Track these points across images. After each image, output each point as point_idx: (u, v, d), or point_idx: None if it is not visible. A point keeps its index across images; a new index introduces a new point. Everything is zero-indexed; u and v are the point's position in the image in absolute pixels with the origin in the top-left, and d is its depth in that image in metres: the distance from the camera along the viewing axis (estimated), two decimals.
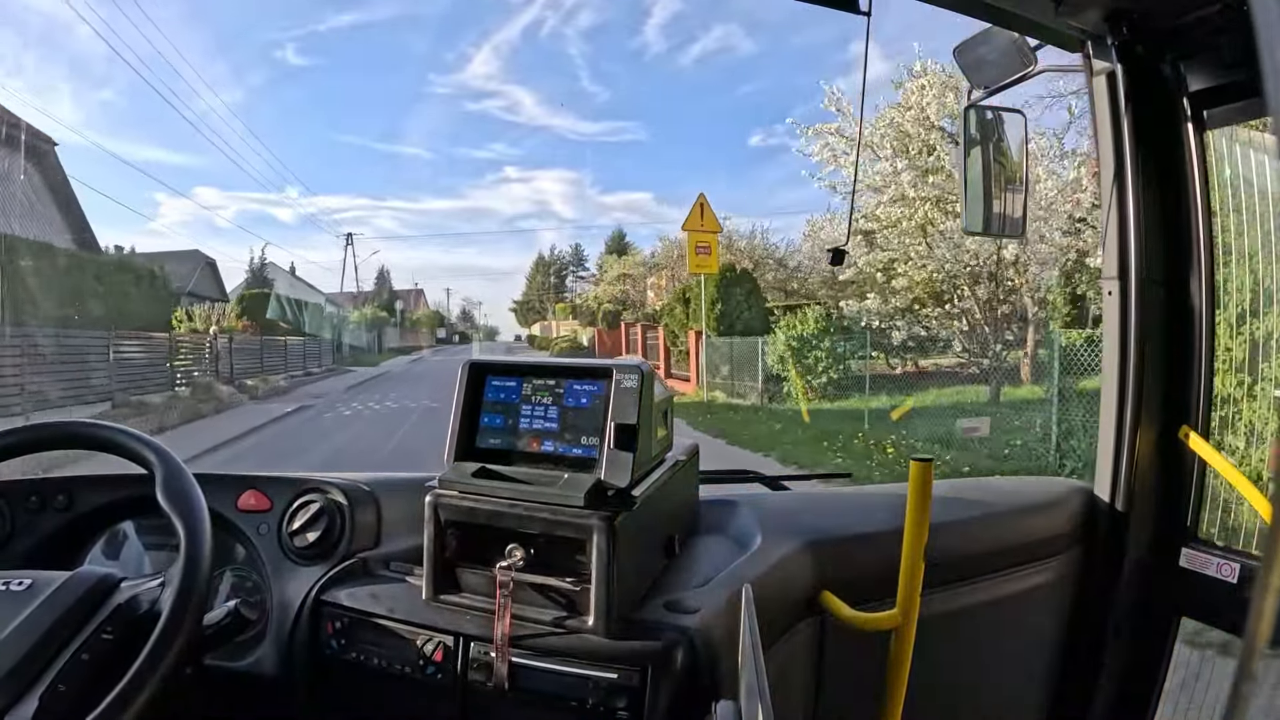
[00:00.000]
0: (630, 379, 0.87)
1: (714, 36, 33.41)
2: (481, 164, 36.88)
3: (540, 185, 43.88)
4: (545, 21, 30.37)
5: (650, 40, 28.26)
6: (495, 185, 36.87)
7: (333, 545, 1.05)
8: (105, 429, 0.92)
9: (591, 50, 29.43)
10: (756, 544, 1.05)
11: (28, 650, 0.72)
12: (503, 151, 35.34)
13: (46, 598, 0.77)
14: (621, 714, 0.82)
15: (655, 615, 0.87)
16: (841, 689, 1.11)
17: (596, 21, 27.77)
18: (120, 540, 1.17)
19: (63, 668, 0.73)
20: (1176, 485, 1.28)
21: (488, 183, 39.63)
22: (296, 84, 28.52)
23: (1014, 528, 1.28)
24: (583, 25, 27.58)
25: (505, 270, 48.73)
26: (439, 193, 34.60)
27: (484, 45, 37.33)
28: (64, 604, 0.77)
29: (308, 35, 29.91)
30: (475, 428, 0.94)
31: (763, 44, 27.90)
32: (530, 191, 40.59)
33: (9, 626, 0.74)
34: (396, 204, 40.02)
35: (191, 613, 0.78)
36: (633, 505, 0.86)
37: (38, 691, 0.70)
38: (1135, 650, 1.32)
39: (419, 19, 27.43)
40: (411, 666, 0.91)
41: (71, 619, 0.76)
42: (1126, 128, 1.22)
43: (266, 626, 1.02)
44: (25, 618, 0.74)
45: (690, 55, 29.58)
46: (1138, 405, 1.25)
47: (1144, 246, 1.22)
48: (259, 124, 31.41)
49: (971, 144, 1.24)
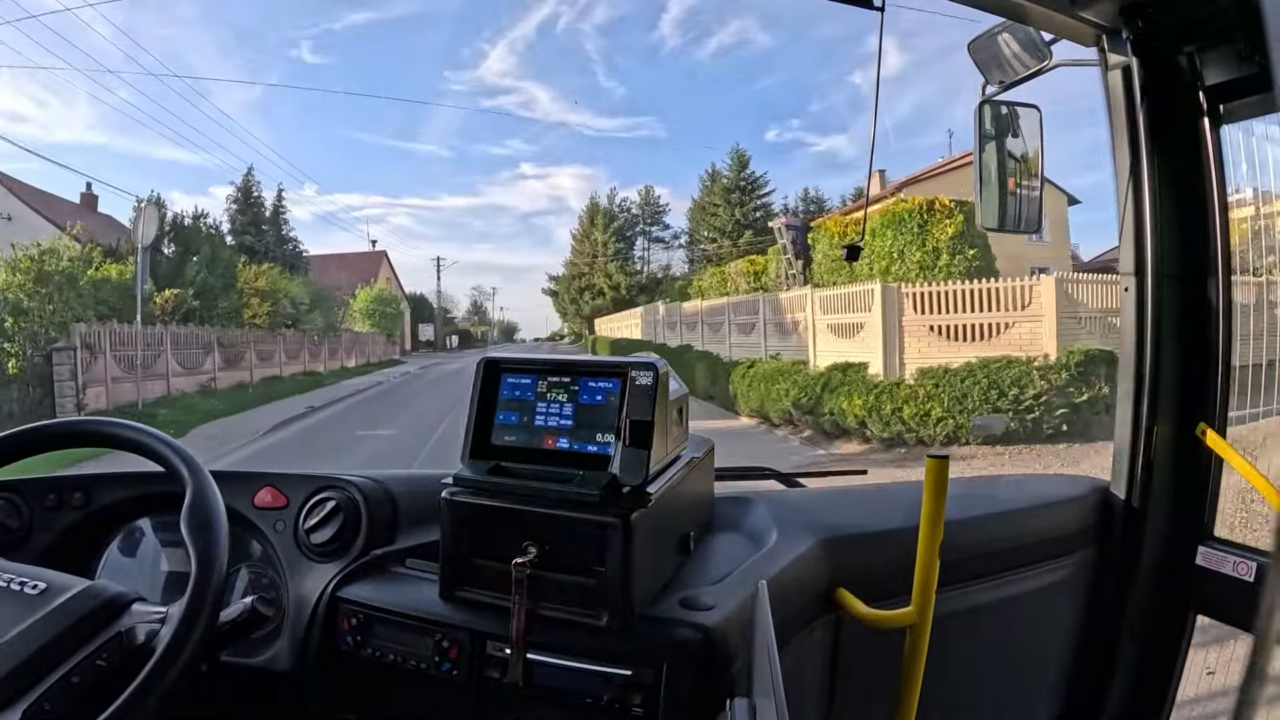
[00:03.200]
0: (645, 376, 0.87)
1: (730, 31, 33.41)
2: (498, 161, 36.80)
3: (556, 182, 43.27)
4: (561, 17, 30.52)
5: (666, 35, 28.36)
6: (511, 182, 36.66)
7: (349, 542, 1.06)
8: (149, 435, 0.91)
9: (607, 45, 29.51)
10: (772, 541, 1.05)
11: (24, 659, 0.72)
12: (519, 148, 35.35)
13: (55, 608, 0.76)
14: (636, 711, 0.83)
15: (671, 612, 0.87)
16: (856, 686, 1.10)
17: (612, 17, 27.87)
18: (137, 538, 1.17)
19: (52, 686, 0.72)
20: (1193, 482, 1.27)
21: (504, 179, 39.35)
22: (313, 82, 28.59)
23: (1029, 525, 1.28)
24: (598, 20, 27.71)
25: (522, 267, 45.09)
26: (455, 190, 34.53)
27: (499, 42, 37.36)
28: (70, 618, 0.76)
29: (323, 34, 30.03)
30: (490, 425, 0.94)
31: (779, 38, 27.90)
32: (547, 188, 40.30)
33: (12, 631, 0.73)
34: (413, 201, 39.70)
35: (185, 655, 0.75)
36: (648, 502, 0.86)
37: (23, 705, 0.70)
38: (1150, 649, 1.31)
39: (434, 16, 27.57)
40: (427, 663, 0.91)
41: (73, 636, 0.75)
42: (1142, 122, 1.21)
43: (282, 623, 1.03)
44: (30, 624, 0.74)
45: (707, 50, 29.75)
46: (1154, 402, 1.24)
47: (1160, 242, 1.21)
48: (276, 122, 31.29)
49: (986, 140, 1.23)
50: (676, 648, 0.83)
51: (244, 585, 1.12)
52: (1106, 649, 1.33)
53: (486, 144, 38.64)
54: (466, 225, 41.07)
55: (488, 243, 43.35)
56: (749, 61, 31.34)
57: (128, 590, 0.83)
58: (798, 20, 28.32)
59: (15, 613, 0.75)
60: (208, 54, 23.72)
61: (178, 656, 0.75)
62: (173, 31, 24.67)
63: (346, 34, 27.18)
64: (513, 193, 33.27)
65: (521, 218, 37.78)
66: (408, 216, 39.23)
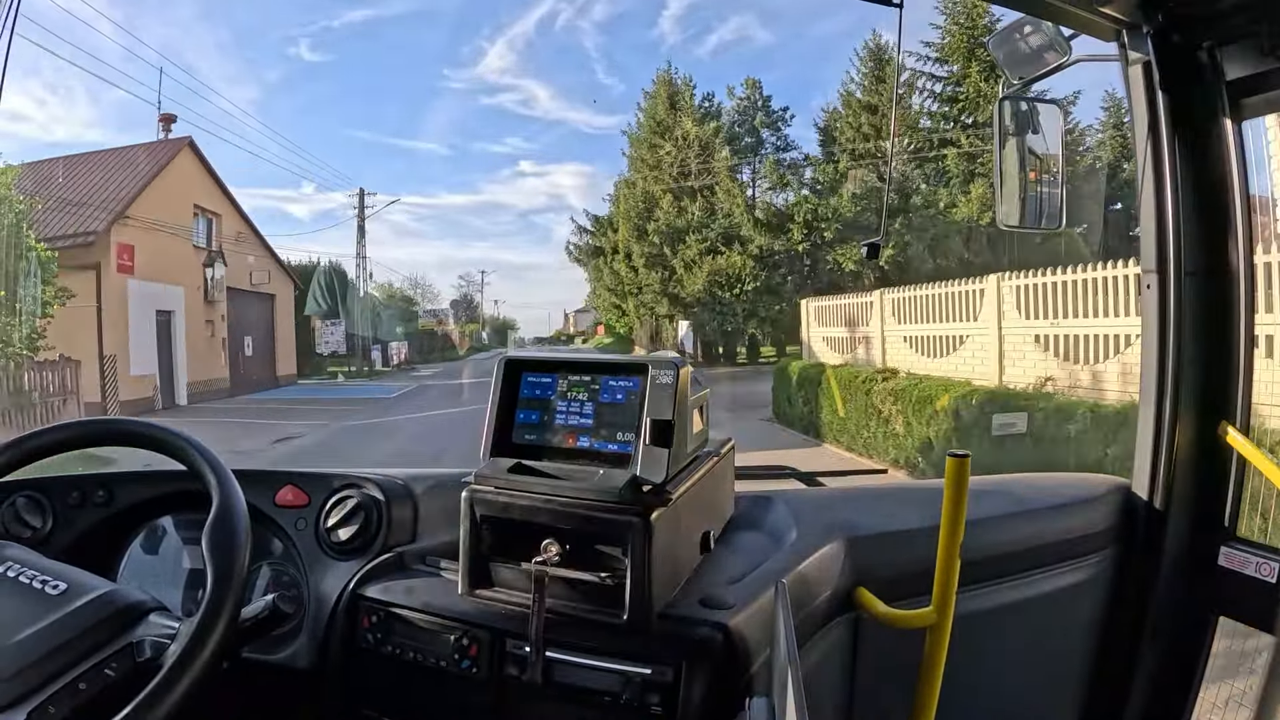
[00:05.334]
0: (666, 375, 0.87)
1: (730, 27, 33.28)
2: (498, 158, 36.66)
3: (555, 179, 43.07)
4: (560, 14, 30.52)
5: (666, 32, 28.26)
6: (510, 180, 36.52)
7: (369, 540, 1.06)
8: (169, 434, 0.91)
9: (607, 42, 29.41)
10: (792, 540, 1.05)
11: (36, 660, 0.72)
12: (518, 146, 35.29)
13: (72, 610, 0.76)
14: (655, 710, 0.82)
15: (690, 611, 0.87)
16: (876, 686, 1.10)
17: (611, 13, 27.73)
18: (160, 535, 1.19)
19: (60, 689, 0.72)
20: (1215, 482, 1.25)
21: (503, 177, 39.21)
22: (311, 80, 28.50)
23: (1050, 525, 1.26)
24: (598, 17, 27.60)
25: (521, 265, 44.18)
26: (453, 188, 34.35)
27: (498, 39, 37.32)
28: (86, 623, 0.76)
29: (321, 31, 30.07)
30: (511, 423, 0.95)
31: (779, 35, 27.64)
32: (546, 185, 40.11)
33: (28, 630, 0.74)
34: (411, 199, 39.56)
35: (191, 672, 0.74)
36: (668, 501, 0.86)
37: (29, 706, 0.70)
38: (1172, 650, 1.30)
39: (433, 14, 27.53)
40: (447, 660, 0.92)
41: (87, 640, 0.75)
42: (1163, 117, 1.20)
43: (303, 620, 1.04)
44: (46, 625, 0.74)
45: (706, 47, 29.61)
46: (1176, 400, 1.22)
47: (1182, 239, 1.20)
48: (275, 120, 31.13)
49: (1006, 136, 1.22)
50: (696, 647, 0.83)
51: (265, 582, 1.13)
52: (1128, 650, 1.32)
53: (486, 141, 38.57)
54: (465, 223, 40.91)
55: (487, 240, 42.84)
56: (749, 58, 31.07)
57: (147, 598, 0.82)
58: (798, 16, 27.94)
59: (33, 611, 0.75)
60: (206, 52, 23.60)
61: (183, 674, 0.73)
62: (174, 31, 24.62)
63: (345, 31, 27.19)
64: (512, 190, 33.07)
65: (520, 215, 37.55)
66: (405, 214, 39.23)
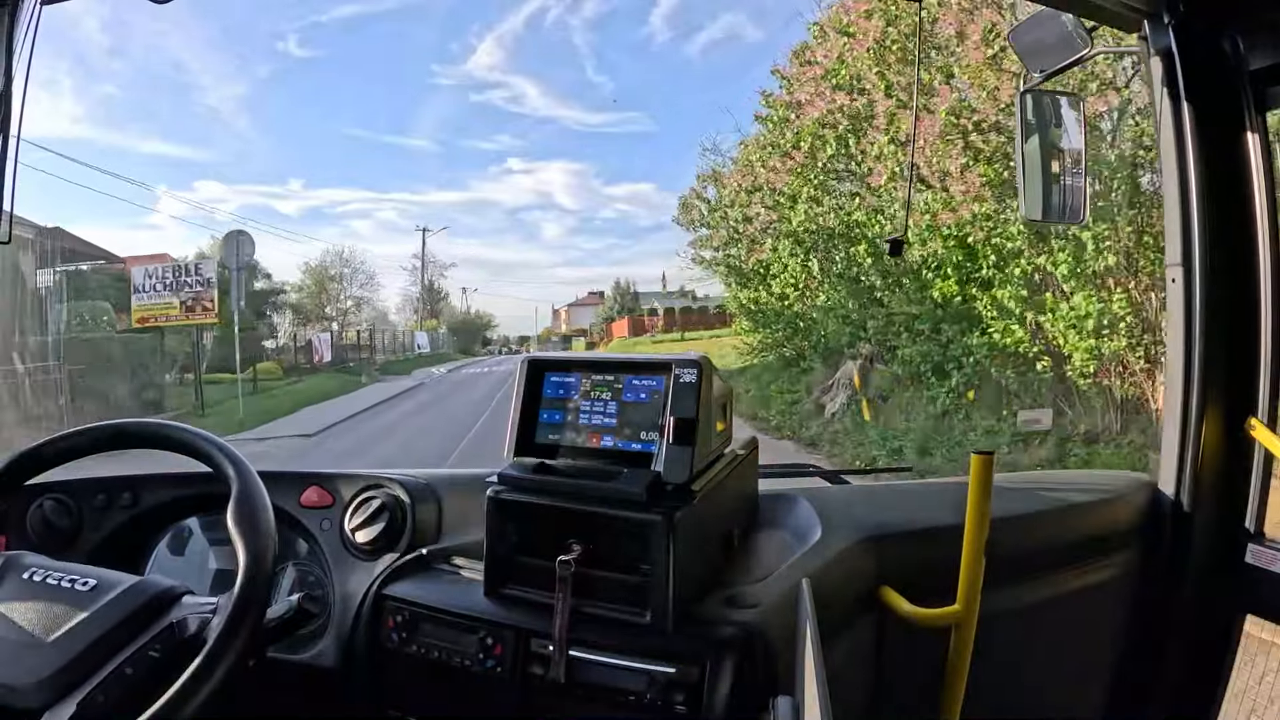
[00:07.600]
0: (689, 373, 0.87)
1: (720, 25, 33.26)
2: (487, 155, 36.79)
3: (544, 177, 42.96)
4: (549, 11, 30.60)
5: (656, 29, 28.26)
6: (499, 177, 36.60)
7: (394, 540, 1.07)
8: (189, 433, 0.92)
9: (597, 40, 29.50)
10: (815, 538, 1.04)
11: (78, 653, 0.73)
12: (507, 143, 35.41)
13: (106, 603, 0.77)
14: (680, 709, 0.82)
15: (714, 610, 0.87)
16: (900, 685, 1.09)
17: (601, 10, 27.75)
18: (185, 537, 1.19)
19: (106, 677, 0.73)
20: (1242, 479, 1.24)
21: (491, 174, 39.26)
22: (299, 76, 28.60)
23: (1075, 522, 1.25)
24: (587, 15, 27.64)
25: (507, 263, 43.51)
26: (442, 185, 34.51)
27: (488, 36, 37.44)
28: (122, 612, 0.77)
29: (310, 27, 30.23)
30: (534, 424, 0.95)
31: (770, 32, 27.40)
32: (534, 183, 40.14)
33: (64, 626, 0.75)
34: (399, 196, 39.61)
35: (239, 643, 0.76)
36: (692, 500, 0.86)
37: (78, 696, 0.71)
38: (1198, 649, 1.28)
39: (422, 9, 27.54)
40: (471, 660, 0.92)
41: (125, 629, 0.76)
42: (1186, 109, 1.18)
43: (328, 620, 1.04)
44: (83, 619, 0.75)
45: (696, 45, 29.53)
46: (1203, 396, 1.21)
47: (1208, 232, 1.18)
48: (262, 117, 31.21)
49: (1029, 130, 1.21)
50: (720, 645, 0.83)
51: (290, 583, 1.13)
52: (1154, 648, 1.30)
53: (475, 138, 38.55)
54: (454, 220, 40.75)
55: (477, 237, 42.53)
56: (740, 55, 30.90)
57: (177, 583, 0.84)
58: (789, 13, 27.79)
59: (67, 610, 0.76)
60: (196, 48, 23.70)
61: (231, 644, 0.75)
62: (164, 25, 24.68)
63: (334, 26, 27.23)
64: (500, 187, 33.08)
65: (509, 213, 37.45)
66: (394, 211, 39.17)
